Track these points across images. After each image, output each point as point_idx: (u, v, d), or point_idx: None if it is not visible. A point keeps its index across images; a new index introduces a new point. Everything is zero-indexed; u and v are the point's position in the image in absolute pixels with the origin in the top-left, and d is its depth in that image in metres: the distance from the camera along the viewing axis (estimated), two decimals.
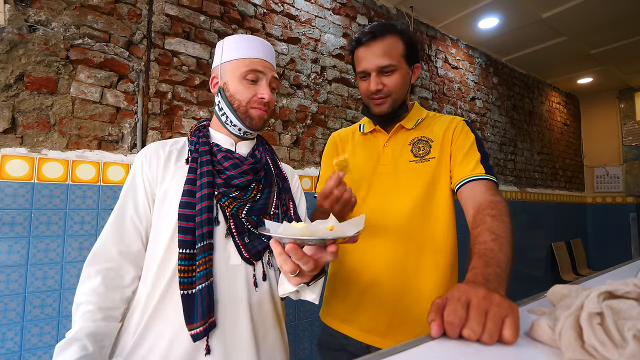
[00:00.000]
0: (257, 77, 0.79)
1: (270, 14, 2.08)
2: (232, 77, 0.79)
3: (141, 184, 0.75)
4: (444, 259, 0.90)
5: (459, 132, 0.93)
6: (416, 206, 0.91)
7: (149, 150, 0.78)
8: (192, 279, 0.67)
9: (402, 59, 0.92)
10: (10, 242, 1.29)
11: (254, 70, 0.78)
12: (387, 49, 0.90)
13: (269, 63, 0.81)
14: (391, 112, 0.95)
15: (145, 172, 0.75)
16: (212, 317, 0.67)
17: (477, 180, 0.84)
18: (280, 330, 0.81)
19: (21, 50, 1.35)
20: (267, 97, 0.78)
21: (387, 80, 0.91)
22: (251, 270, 0.75)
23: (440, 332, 0.41)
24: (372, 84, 0.91)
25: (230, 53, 0.80)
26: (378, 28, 0.91)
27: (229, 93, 0.79)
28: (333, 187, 0.79)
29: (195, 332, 0.65)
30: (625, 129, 4.73)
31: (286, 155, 2.09)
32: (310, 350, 2.03)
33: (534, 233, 3.90)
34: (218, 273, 0.70)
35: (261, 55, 0.80)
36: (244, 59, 0.78)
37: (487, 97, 3.60)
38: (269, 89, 0.79)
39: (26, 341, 1.28)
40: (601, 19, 2.97)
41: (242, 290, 0.72)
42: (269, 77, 0.80)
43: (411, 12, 2.86)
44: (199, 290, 0.66)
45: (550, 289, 0.47)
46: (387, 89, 0.92)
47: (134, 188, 0.75)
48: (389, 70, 0.91)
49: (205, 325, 0.65)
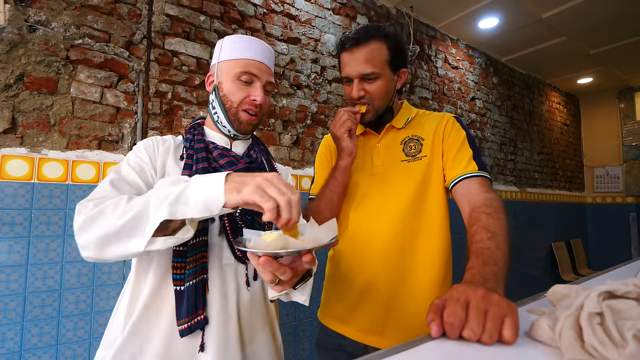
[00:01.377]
0: (251, 79, 0.78)
1: (270, 14, 2.08)
2: (227, 77, 0.78)
3: (147, 160, 0.73)
4: (439, 257, 0.91)
5: (449, 129, 0.93)
6: (410, 205, 0.91)
7: (152, 140, 0.78)
8: (184, 275, 0.67)
9: (386, 65, 0.91)
10: (10, 242, 1.29)
11: (249, 72, 0.77)
12: (370, 56, 0.89)
13: (265, 66, 0.80)
14: (374, 120, 0.96)
15: (150, 156, 0.74)
16: (200, 314, 0.67)
17: (471, 178, 0.84)
18: (272, 330, 0.81)
19: (21, 50, 1.35)
20: (260, 99, 0.77)
21: (370, 87, 0.91)
22: (243, 270, 0.75)
23: (439, 333, 0.41)
24: (354, 91, 0.91)
25: (228, 52, 0.79)
26: (362, 33, 0.90)
27: (222, 93, 0.78)
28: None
29: (181, 328, 0.65)
30: (625, 129, 4.73)
31: (286, 155, 2.09)
32: (310, 350, 2.03)
33: (534, 233, 3.90)
34: (211, 271, 0.71)
35: (258, 57, 0.79)
36: (240, 60, 0.78)
37: (487, 97, 3.60)
38: (262, 91, 0.78)
39: (26, 341, 1.28)
40: (601, 19, 2.97)
41: (234, 289, 0.73)
42: (263, 80, 0.79)
43: (411, 12, 2.86)
44: (186, 287, 0.66)
45: (550, 289, 0.47)
46: (369, 95, 0.92)
47: (139, 159, 0.72)
48: (371, 77, 0.90)
49: (190, 323, 0.65)
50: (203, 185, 0.56)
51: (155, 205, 0.56)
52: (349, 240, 0.98)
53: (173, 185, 0.58)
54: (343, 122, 0.91)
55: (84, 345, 1.38)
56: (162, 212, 0.55)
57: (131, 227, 0.57)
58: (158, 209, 0.55)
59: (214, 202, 0.55)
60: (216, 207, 0.55)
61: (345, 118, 0.91)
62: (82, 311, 1.39)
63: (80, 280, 1.39)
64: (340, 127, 0.91)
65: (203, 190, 0.55)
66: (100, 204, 0.60)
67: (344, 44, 0.92)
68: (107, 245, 0.58)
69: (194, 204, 0.55)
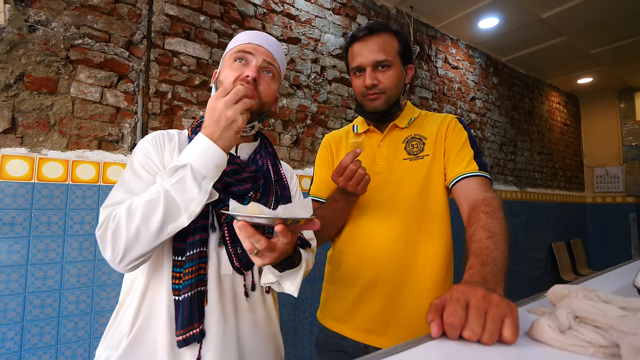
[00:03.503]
0: (244, 57, 0.73)
1: (270, 14, 2.08)
2: (225, 64, 0.76)
3: (157, 161, 0.71)
4: (440, 257, 0.91)
5: (452, 129, 0.94)
6: (412, 204, 0.92)
7: (158, 135, 0.75)
8: (181, 286, 0.66)
9: (397, 56, 0.93)
10: (10, 242, 1.29)
11: (242, 51, 0.74)
12: (383, 45, 0.91)
13: (263, 48, 0.75)
14: (385, 109, 0.95)
15: (157, 153, 0.72)
16: (196, 327, 0.65)
17: (471, 177, 0.85)
18: (273, 338, 0.78)
19: (21, 50, 1.35)
20: (252, 73, 0.71)
21: (382, 76, 0.92)
22: (241, 280, 0.73)
23: (439, 333, 0.41)
24: (368, 79, 0.91)
25: (232, 44, 0.78)
26: (374, 25, 0.92)
27: (219, 79, 0.76)
28: (349, 162, 0.80)
29: (178, 339, 0.64)
30: (625, 129, 4.73)
31: (286, 155, 2.09)
32: (310, 350, 2.03)
33: (534, 233, 3.90)
34: (209, 282, 0.69)
35: (254, 40, 0.75)
36: (239, 45, 0.75)
37: (487, 97, 3.60)
38: (257, 69, 0.73)
39: (26, 341, 1.28)
40: (601, 19, 2.97)
41: (232, 300, 0.71)
42: (259, 59, 0.73)
43: (411, 12, 2.86)
44: (182, 299, 0.65)
45: (550, 289, 0.47)
46: (382, 85, 0.92)
47: (147, 163, 0.70)
48: (384, 65, 0.91)
49: (186, 335, 0.64)
50: (200, 156, 0.62)
51: (181, 195, 0.61)
52: (350, 239, 0.98)
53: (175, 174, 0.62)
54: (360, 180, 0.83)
55: (84, 345, 1.38)
56: (199, 200, 0.62)
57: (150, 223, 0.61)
58: (190, 196, 0.62)
59: (221, 160, 0.64)
60: (224, 161, 0.65)
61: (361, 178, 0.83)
62: (82, 311, 1.39)
63: (80, 280, 1.39)
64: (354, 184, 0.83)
65: (204, 159, 0.62)
66: (114, 219, 0.62)
67: (355, 35, 0.93)
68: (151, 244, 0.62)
69: (210, 175, 0.63)
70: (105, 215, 0.63)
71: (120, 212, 0.61)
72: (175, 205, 0.61)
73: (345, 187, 0.83)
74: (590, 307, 0.39)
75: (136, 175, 0.69)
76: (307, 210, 0.57)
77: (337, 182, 0.84)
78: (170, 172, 0.62)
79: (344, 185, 0.83)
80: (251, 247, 0.58)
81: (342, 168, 0.81)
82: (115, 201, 0.65)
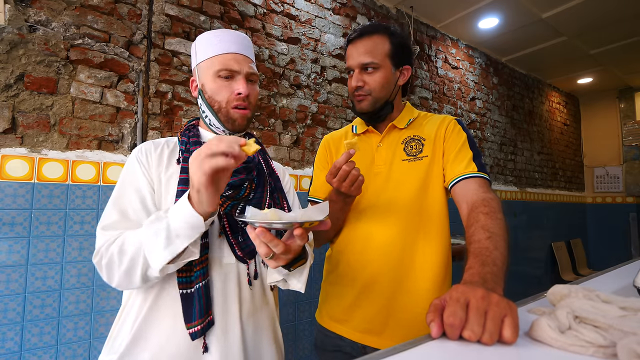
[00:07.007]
0: (231, 74, 0.76)
1: (270, 14, 2.08)
2: (207, 77, 0.77)
3: (144, 181, 0.74)
4: (439, 257, 0.91)
5: (450, 130, 0.94)
6: (410, 204, 0.92)
7: (143, 150, 0.77)
8: (191, 278, 0.67)
9: (387, 58, 0.93)
10: (10, 242, 1.29)
11: (226, 68, 0.75)
12: (371, 47, 0.92)
13: (242, 56, 0.77)
14: (372, 110, 0.95)
15: (144, 170, 0.75)
16: (210, 315, 0.68)
17: (470, 178, 0.85)
18: (274, 329, 0.81)
19: (21, 50, 1.35)
20: (244, 90, 0.75)
21: (369, 78, 0.92)
22: (244, 269, 0.75)
23: (439, 333, 0.41)
24: (353, 80, 0.93)
25: (204, 52, 0.78)
26: (367, 27, 0.94)
27: (207, 94, 0.77)
28: (343, 162, 0.80)
29: (193, 330, 0.65)
30: (625, 129, 4.73)
31: (286, 155, 2.09)
32: (310, 350, 2.03)
33: (534, 233, 3.90)
34: (213, 272, 0.71)
35: (233, 48, 0.77)
36: (216, 57, 0.76)
37: (487, 97, 3.60)
38: (245, 82, 0.76)
39: (26, 341, 1.28)
40: (601, 19, 2.97)
41: (236, 289, 0.73)
42: (244, 71, 0.77)
43: (411, 12, 2.86)
44: (196, 289, 0.67)
45: (550, 289, 0.47)
46: (367, 86, 0.93)
47: (135, 182, 0.74)
48: (370, 67, 0.92)
49: (204, 324, 0.66)
50: (178, 215, 0.60)
51: (152, 249, 0.61)
52: (349, 239, 0.98)
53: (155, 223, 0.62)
54: (354, 181, 0.82)
55: (84, 345, 1.38)
56: (163, 257, 0.60)
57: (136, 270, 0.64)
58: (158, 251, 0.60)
59: (196, 221, 0.59)
60: (201, 224, 0.60)
61: (355, 179, 0.82)
62: (82, 311, 1.39)
63: (80, 280, 1.39)
64: (348, 185, 0.82)
65: (180, 219, 0.60)
66: (108, 250, 0.66)
67: (348, 37, 0.96)
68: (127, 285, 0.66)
69: (184, 235, 0.60)
70: (100, 244, 0.67)
71: (113, 251, 0.65)
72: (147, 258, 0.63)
73: (339, 188, 0.83)
74: (590, 307, 0.39)
75: (126, 194, 0.73)
76: (323, 212, 0.60)
77: (331, 183, 0.83)
78: (151, 221, 0.63)
79: (338, 186, 0.83)
80: (268, 251, 0.59)
81: (335, 169, 0.81)
82: (111, 222, 0.69)
